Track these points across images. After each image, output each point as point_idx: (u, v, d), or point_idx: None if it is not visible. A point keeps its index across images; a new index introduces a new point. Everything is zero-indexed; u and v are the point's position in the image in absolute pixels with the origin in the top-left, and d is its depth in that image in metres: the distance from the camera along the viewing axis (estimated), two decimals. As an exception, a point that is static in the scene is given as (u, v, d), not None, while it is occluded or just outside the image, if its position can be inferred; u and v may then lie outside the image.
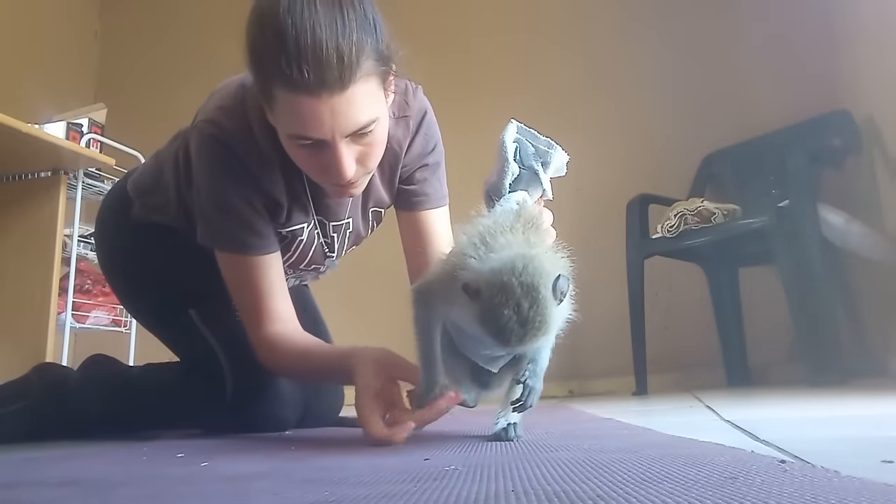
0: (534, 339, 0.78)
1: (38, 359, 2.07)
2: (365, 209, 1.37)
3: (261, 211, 1.22)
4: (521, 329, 0.77)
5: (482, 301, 0.79)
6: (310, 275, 1.52)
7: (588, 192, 2.80)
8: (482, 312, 0.79)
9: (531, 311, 0.77)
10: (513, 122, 1.01)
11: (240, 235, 1.21)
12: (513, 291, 0.77)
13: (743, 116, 2.83)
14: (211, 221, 1.24)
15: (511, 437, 0.94)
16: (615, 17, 3.14)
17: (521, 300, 0.76)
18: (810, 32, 2.74)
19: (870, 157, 2.38)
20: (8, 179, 2.35)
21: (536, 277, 0.78)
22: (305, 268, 1.41)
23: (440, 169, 1.37)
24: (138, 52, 3.80)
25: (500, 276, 0.78)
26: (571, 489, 0.52)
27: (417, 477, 0.62)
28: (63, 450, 1.19)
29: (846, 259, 2.40)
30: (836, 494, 0.44)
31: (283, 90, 1.00)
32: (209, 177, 1.22)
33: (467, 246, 0.85)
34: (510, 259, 0.79)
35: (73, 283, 2.42)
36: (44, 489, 0.71)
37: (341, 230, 1.36)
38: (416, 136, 1.30)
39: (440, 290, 0.90)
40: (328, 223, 1.33)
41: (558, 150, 1.01)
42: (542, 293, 0.77)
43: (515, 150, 0.99)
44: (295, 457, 0.93)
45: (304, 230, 1.30)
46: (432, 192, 1.35)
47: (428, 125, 1.32)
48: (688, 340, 2.78)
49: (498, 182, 0.99)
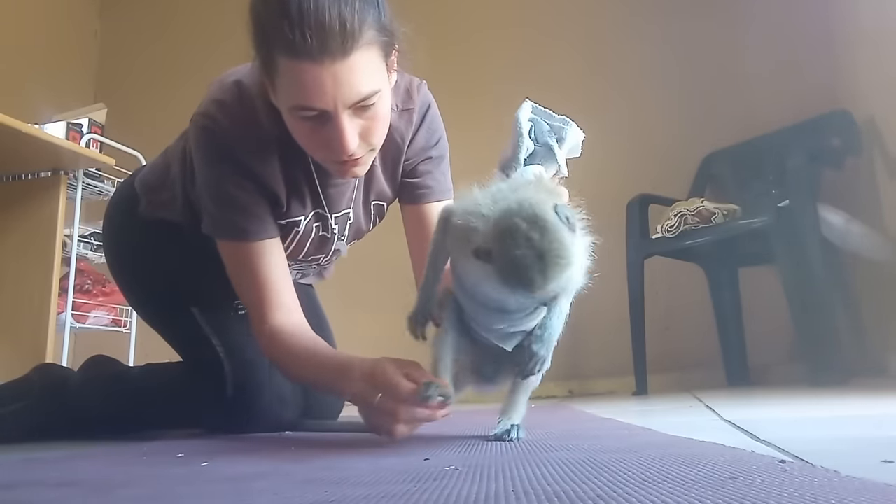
0: (558, 269, 0.74)
1: (38, 359, 2.07)
2: (367, 201, 1.36)
3: (257, 196, 1.21)
4: (540, 262, 0.73)
5: (495, 256, 0.76)
6: (311, 269, 1.51)
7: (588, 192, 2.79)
8: (499, 268, 0.76)
9: (545, 241, 0.73)
10: (528, 100, 1.00)
11: (238, 221, 1.20)
12: (518, 229, 0.74)
13: (743, 116, 2.83)
14: (211, 211, 1.23)
15: (512, 439, 0.93)
16: (615, 16, 3.14)
17: (531, 233, 0.73)
18: (810, 32, 2.74)
19: (870, 158, 2.38)
20: (8, 179, 2.35)
21: (538, 208, 0.75)
22: (304, 259, 1.40)
23: (444, 162, 1.36)
24: (138, 52, 3.80)
25: (502, 223, 0.75)
26: (571, 489, 0.52)
27: (417, 477, 0.62)
28: (63, 450, 1.19)
29: (846, 259, 2.40)
30: (836, 494, 0.44)
31: (285, 57, 1.00)
32: (206, 167, 1.22)
33: (477, 205, 0.82)
34: (507, 204, 0.77)
35: (73, 283, 2.42)
36: (44, 489, 0.71)
37: (342, 221, 1.35)
38: (420, 129, 1.30)
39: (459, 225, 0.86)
40: (329, 215, 1.31)
41: (573, 126, 1.00)
42: (550, 219, 0.74)
43: (530, 127, 0.98)
44: (295, 457, 0.93)
45: (302, 222, 1.29)
46: (436, 184, 1.34)
47: (432, 118, 1.32)
48: (688, 340, 2.78)
49: (512, 156, 0.98)
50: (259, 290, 1.20)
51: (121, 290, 1.58)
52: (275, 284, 1.21)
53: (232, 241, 1.22)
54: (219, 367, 1.36)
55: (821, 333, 2.14)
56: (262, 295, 1.20)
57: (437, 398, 0.88)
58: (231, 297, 1.26)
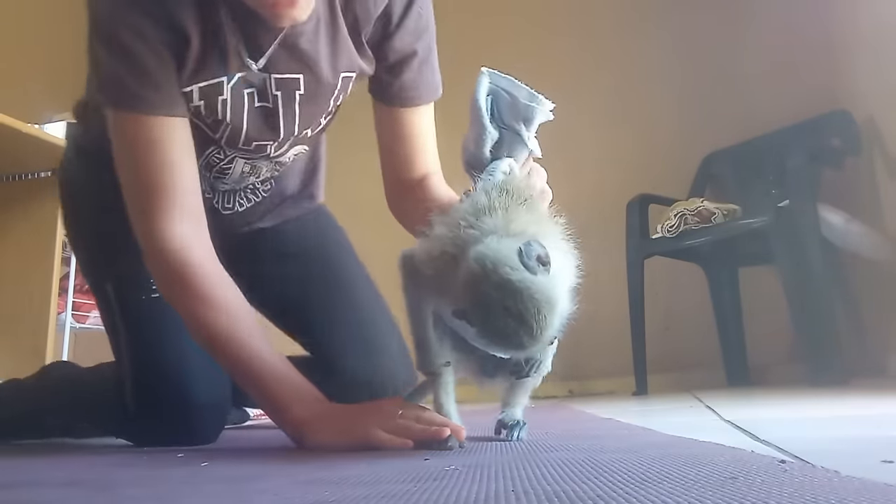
0: (544, 324, 0.69)
1: (38, 359, 2.07)
2: (334, 69, 1.05)
3: (160, 53, 0.93)
4: (524, 326, 0.68)
5: (475, 323, 0.71)
6: (263, 164, 1.17)
7: (588, 192, 2.80)
8: (482, 333, 0.71)
9: (521, 305, 0.67)
10: (484, 72, 0.87)
11: (131, 83, 0.93)
12: (491, 301, 0.67)
13: (743, 116, 2.83)
14: (99, 63, 0.96)
15: (512, 439, 0.92)
16: (615, 16, 3.14)
17: (506, 302, 0.67)
18: (810, 33, 2.74)
19: (870, 158, 2.38)
20: (8, 179, 2.35)
21: (501, 268, 0.67)
22: (247, 147, 1.08)
23: (433, 54, 1.12)
24: (138, 52, 3.80)
25: (472, 292, 0.69)
26: (571, 489, 0.52)
27: (417, 477, 0.62)
28: (63, 450, 1.19)
29: (846, 259, 2.40)
30: (836, 494, 0.44)
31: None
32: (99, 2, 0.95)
33: (442, 245, 0.76)
34: (470, 265, 0.69)
35: (73, 283, 2.42)
36: (44, 489, 0.71)
37: (289, 90, 1.03)
38: (409, 10, 1.06)
39: (429, 275, 0.79)
40: (268, 76, 1.01)
41: (542, 101, 0.87)
42: (518, 279, 0.67)
43: (491, 105, 0.87)
44: (295, 457, 0.93)
45: (225, 86, 0.99)
46: (424, 84, 1.10)
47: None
48: (688, 340, 2.78)
49: (477, 151, 0.87)
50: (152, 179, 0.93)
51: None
52: (175, 176, 0.94)
53: (122, 112, 0.95)
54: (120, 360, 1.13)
55: (821, 333, 2.14)
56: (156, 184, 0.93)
57: (457, 447, 0.83)
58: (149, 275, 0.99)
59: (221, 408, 1.18)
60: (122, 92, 0.94)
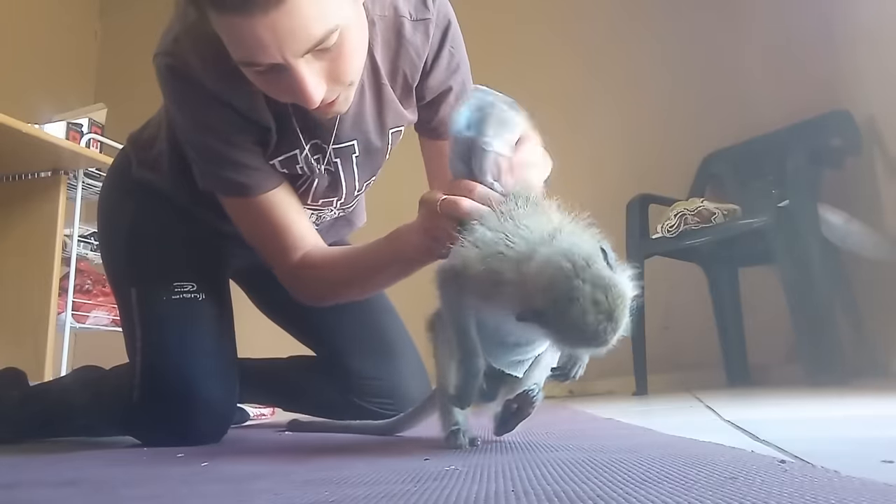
0: (624, 319, 0.71)
1: (38, 359, 2.08)
2: (382, 129, 1.19)
3: (244, 144, 1.08)
4: (611, 322, 0.70)
5: (553, 319, 0.70)
6: (328, 214, 1.33)
7: (588, 192, 2.80)
8: (560, 330, 0.71)
9: (611, 300, 0.69)
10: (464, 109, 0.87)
11: (232, 177, 1.09)
12: (582, 294, 0.69)
13: (743, 116, 2.83)
14: (199, 165, 1.13)
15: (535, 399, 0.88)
16: (615, 16, 3.14)
17: (596, 296, 0.69)
18: (810, 32, 2.74)
19: (870, 158, 2.38)
20: (8, 179, 2.36)
21: (592, 263, 0.70)
22: (315, 204, 1.25)
23: (468, 85, 1.20)
24: (138, 52, 3.76)
25: (556, 287, 0.70)
26: (571, 489, 0.52)
27: (417, 477, 0.62)
28: (64, 450, 1.19)
29: (846, 259, 2.40)
30: (836, 494, 0.44)
31: (214, 13, 0.88)
32: (180, 112, 1.10)
33: (495, 245, 0.77)
34: (553, 261, 0.71)
35: (73, 283, 2.42)
36: (44, 489, 0.71)
37: (346, 155, 1.19)
38: (441, 50, 1.16)
39: (472, 282, 0.79)
40: (328, 147, 1.15)
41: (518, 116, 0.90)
42: (608, 274, 0.71)
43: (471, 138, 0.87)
44: (295, 457, 0.93)
45: (299, 156, 1.13)
46: None
47: (453, 38, 1.17)
48: (688, 340, 2.78)
49: (469, 174, 0.87)
50: (273, 241, 1.12)
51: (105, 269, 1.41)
52: (289, 230, 1.12)
53: (229, 199, 1.12)
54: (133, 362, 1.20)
55: (821, 333, 2.14)
56: (276, 243, 1.12)
57: (467, 444, 0.85)
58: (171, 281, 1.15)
59: (228, 407, 1.23)
60: (225, 184, 1.10)
